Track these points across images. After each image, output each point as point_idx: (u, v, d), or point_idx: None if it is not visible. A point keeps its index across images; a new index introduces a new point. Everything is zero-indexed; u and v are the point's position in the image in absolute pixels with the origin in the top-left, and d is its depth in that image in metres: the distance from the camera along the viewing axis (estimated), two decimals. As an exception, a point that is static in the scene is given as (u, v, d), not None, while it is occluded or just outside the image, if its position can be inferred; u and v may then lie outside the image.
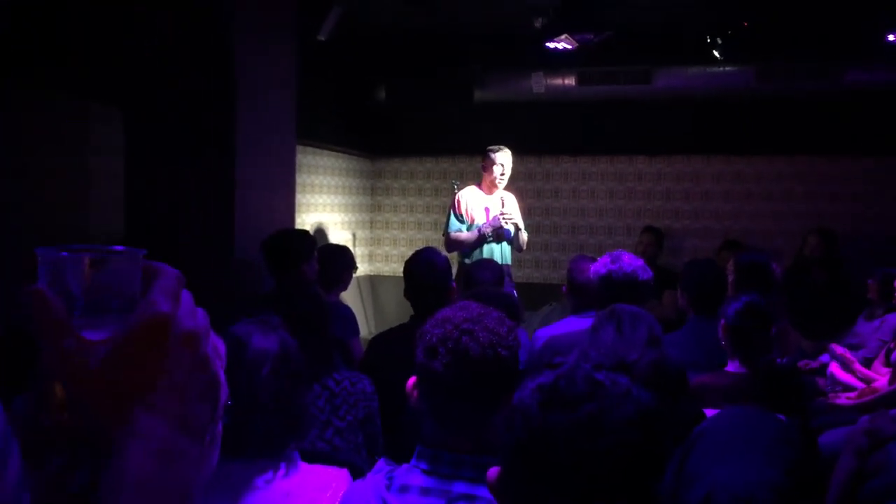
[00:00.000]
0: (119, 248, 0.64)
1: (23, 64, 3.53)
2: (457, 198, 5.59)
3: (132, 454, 0.60)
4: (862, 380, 4.40)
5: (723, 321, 3.20)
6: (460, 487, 1.56)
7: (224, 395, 0.66)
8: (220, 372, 0.67)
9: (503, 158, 5.52)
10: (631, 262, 3.47)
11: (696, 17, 6.30)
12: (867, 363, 4.58)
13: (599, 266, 3.50)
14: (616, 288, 3.35)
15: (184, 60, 4.04)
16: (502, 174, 5.50)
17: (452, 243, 5.51)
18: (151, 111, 3.92)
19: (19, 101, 3.88)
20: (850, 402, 4.21)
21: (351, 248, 5.58)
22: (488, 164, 5.55)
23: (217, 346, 0.66)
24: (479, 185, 5.67)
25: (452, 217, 5.54)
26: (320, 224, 7.23)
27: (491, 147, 5.59)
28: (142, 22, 3.91)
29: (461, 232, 5.49)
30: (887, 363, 4.37)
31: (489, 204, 5.51)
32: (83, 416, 0.60)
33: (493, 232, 5.40)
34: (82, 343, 0.60)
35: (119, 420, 0.60)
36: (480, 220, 5.47)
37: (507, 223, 5.40)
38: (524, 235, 5.67)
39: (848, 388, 4.43)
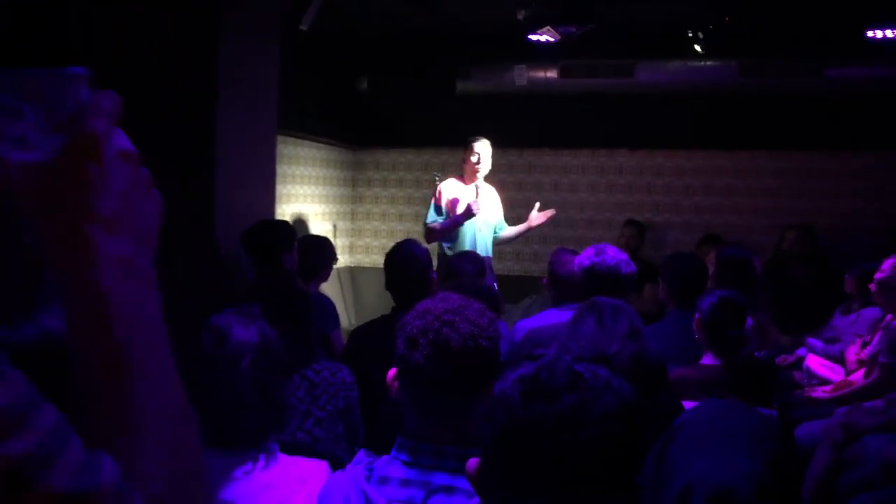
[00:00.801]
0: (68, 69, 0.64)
1: (22, 63, 3.49)
2: (438, 189, 5.65)
3: (94, 270, 0.61)
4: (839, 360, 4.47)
5: (697, 315, 3.22)
6: (440, 479, 1.56)
7: (155, 223, 0.68)
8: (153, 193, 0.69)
9: (481, 148, 5.59)
10: (615, 255, 3.48)
11: (679, 12, 6.32)
12: (843, 357, 4.63)
13: (583, 258, 3.50)
14: (599, 280, 3.37)
15: (165, 50, 4.00)
16: (478, 163, 5.55)
17: (430, 233, 5.58)
18: (130, 101, 3.88)
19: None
20: (827, 395, 4.25)
21: (331, 239, 5.57)
22: (467, 155, 5.64)
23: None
24: (460, 177, 5.72)
25: (432, 208, 5.62)
26: (301, 215, 7.20)
27: (471, 138, 5.67)
28: (122, 12, 3.87)
29: (437, 222, 5.55)
30: (861, 360, 4.40)
31: (466, 193, 5.56)
32: (38, 238, 0.61)
33: (465, 218, 5.45)
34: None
35: (73, 238, 0.61)
36: (460, 211, 5.51)
37: (478, 211, 5.45)
38: (509, 232, 5.78)
39: (824, 381, 4.47)
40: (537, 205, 5.81)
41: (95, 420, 0.61)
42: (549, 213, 5.76)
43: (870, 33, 6.11)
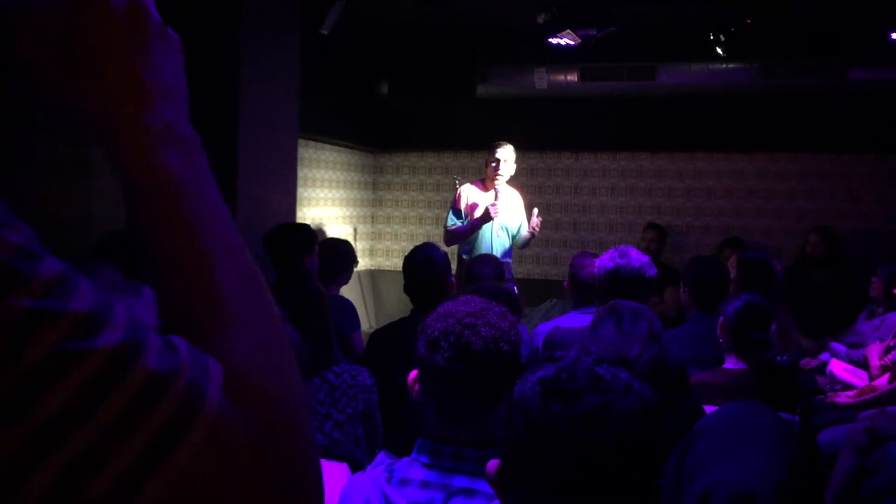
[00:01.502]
0: None
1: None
2: (458, 193, 5.66)
3: (160, 152, 0.61)
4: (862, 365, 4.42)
5: (722, 319, 3.20)
6: (461, 481, 1.56)
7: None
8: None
9: (504, 154, 5.56)
10: (638, 257, 3.46)
11: (700, 14, 6.29)
12: (867, 362, 4.58)
13: (605, 260, 3.48)
14: (621, 283, 3.34)
15: (187, 53, 4.04)
16: (497, 167, 5.52)
17: (449, 236, 5.58)
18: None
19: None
20: (850, 400, 4.21)
21: (352, 242, 5.59)
22: (488, 160, 5.62)
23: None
24: (481, 181, 5.71)
25: (451, 211, 5.62)
26: (321, 218, 7.22)
27: (495, 143, 5.65)
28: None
29: (456, 226, 5.55)
30: (885, 366, 4.36)
31: (487, 198, 5.55)
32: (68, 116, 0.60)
33: (482, 222, 5.42)
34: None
35: (106, 115, 0.60)
36: (476, 214, 5.51)
37: (496, 214, 5.40)
38: (521, 239, 5.70)
39: (847, 386, 4.43)
40: (535, 210, 5.62)
41: (171, 307, 0.62)
42: (535, 220, 5.49)
43: (895, 34, 6.06)
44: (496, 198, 5.49)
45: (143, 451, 0.50)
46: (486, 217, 5.38)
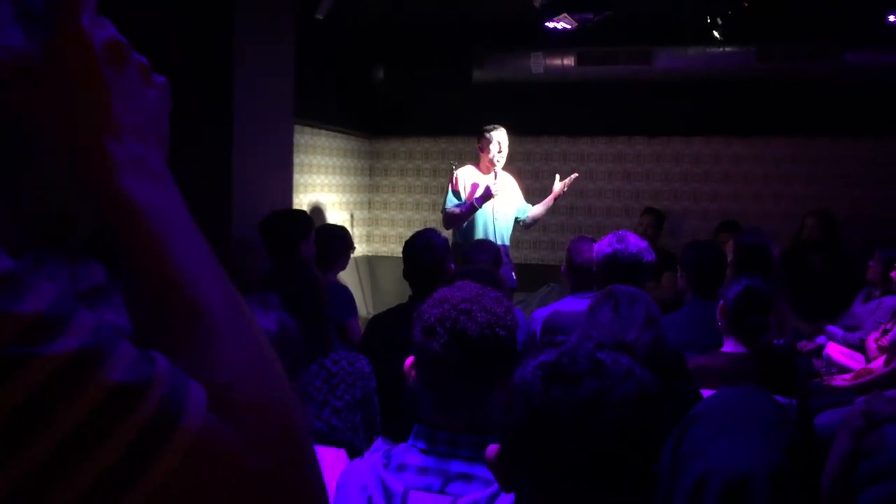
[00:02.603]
0: None
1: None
2: (455, 176, 5.63)
3: (104, 176, 0.60)
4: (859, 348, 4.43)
5: (721, 302, 3.20)
6: (458, 466, 1.57)
7: (165, 128, 0.66)
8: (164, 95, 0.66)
9: (500, 137, 5.55)
10: (636, 243, 3.45)
11: (697, -2, 6.27)
12: (863, 345, 4.59)
13: (603, 245, 3.47)
14: (619, 268, 3.34)
15: (182, 38, 4.01)
16: (500, 153, 5.52)
17: (448, 218, 5.57)
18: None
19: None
20: (846, 383, 4.23)
21: (349, 228, 5.58)
22: (485, 144, 5.57)
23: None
24: (476, 165, 5.70)
25: (450, 194, 5.59)
26: (318, 204, 7.21)
27: (486, 127, 5.61)
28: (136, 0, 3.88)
29: (454, 207, 5.52)
30: (882, 348, 4.37)
31: (486, 182, 5.53)
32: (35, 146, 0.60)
33: (483, 200, 5.43)
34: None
35: (81, 148, 0.60)
36: (479, 194, 5.49)
37: (497, 193, 5.42)
38: (536, 210, 5.74)
39: (844, 369, 4.44)
40: (557, 176, 5.76)
41: (151, 326, 0.60)
42: (572, 177, 5.67)
43: (892, 17, 6.04)
44: (496, 177, 5.49)
45: (115, 464, 0.48)
46: (487, 195, 5.37)
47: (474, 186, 5.52)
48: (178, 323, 0.59)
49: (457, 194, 5.56)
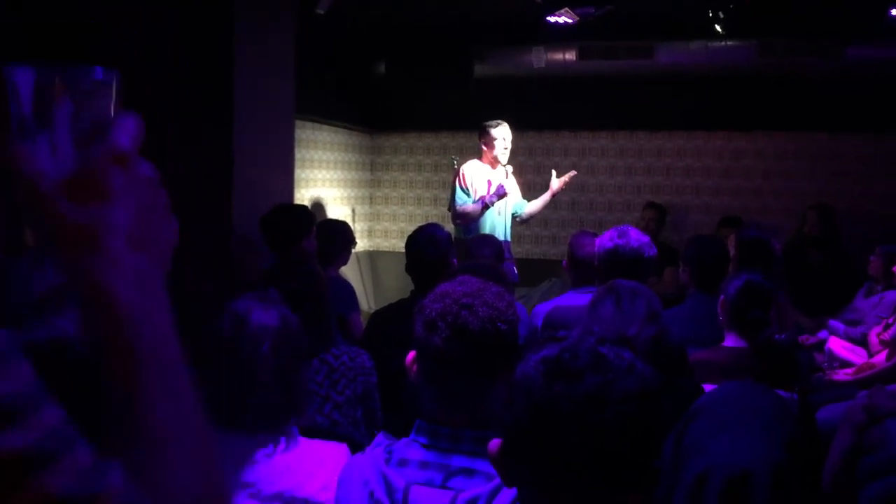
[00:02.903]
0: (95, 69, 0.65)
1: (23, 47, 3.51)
2: (461, 172, 5.54)
3: (109, 277, 0.62)
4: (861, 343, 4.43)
5: (722, 297, 3.20)
6: (459, 461, 1.57)
7: (171, 243, 0.69)
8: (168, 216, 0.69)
9: (504, 132, 5.51)
10: (638, 237, 3.45)
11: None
12: (865, 339, 4.60)
13: (605, 240, 3.47)
14: (621, 263, 3.33)
15: (182, 38, 4.01)
16: (505, 148, 5.50)
17: (459, 215, 5.48)
18: (147, 84, 3.90)
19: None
20: (848, 377, 4.23)
21: (350, 223, 5.57)
22: (489, 140, 5.53)
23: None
24: (479, 159, 5.65)
25: (458, 190, 5.49)
26: (319, 199, 7.21)
27: (488, 123, 5.57)
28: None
29: (467, 204, 5.46)
30: (883, 342, 4.37)
31: (493, 177, 5.49)
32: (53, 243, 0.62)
33: (497, 199, 5.41)
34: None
35: (90, 247, 0.61)
36: (484, 192, 5.45)
37: (509, 193, 5.41)
38: (533, 206, 5.74)
39: (846, 363, 4.44)
40: (553, 172, 5.74)
41: (113, 431, 0.60)
42: (570, 174, 5.68)
43: (893, 12, 6.02)
44: (507, 176, 5.47)
45: None
46: (502, 195, 5.34)
47: (489, 183, 5.46)
48: (132, 431, 0.59)
49: (465, 190, 5.49)
